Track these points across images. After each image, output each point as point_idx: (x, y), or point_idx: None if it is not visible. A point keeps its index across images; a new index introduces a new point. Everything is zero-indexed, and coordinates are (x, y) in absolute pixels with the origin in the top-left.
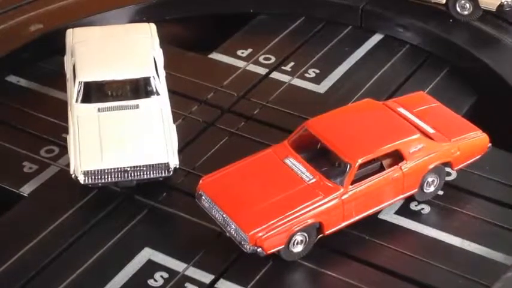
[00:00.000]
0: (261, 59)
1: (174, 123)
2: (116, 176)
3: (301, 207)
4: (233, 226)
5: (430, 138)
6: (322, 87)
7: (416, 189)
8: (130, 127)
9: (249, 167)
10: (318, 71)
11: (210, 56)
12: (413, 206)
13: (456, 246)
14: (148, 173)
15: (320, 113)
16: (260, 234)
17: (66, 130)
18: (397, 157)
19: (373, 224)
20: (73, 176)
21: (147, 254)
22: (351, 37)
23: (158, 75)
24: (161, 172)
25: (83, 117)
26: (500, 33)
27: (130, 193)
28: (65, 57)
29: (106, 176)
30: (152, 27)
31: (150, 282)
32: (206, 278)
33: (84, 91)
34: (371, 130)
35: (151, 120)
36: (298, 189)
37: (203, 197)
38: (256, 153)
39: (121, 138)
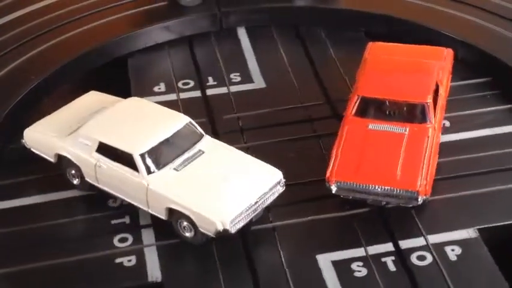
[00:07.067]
0: (180, 85)
1: None
2: (249, 214)
3: (424, 152)
4: (395, 193)
5: None
6: (259, 83)
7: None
8: (223, 169)
9: (348, 145)
10: (238, 74)
11: None
12: None
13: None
14: (274, 194)
15: (284, 100)
16: (423, 184)
17: (114, 217)
18: None
19: None
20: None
21: (324, 258)
22: (223, 41)
23: None
24: (278, 189)
25: (172, 180)
26: None
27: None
28: (65, 149)
29: (244, 217)
30: (97, 93)
31: (356, 274)
32: (388, 247)
33: (144, 161)
34: (408, 74)
35: (224, 156)
36: (406, 141)
37: (345, 187)
38: (339, 136)
39: (229, 180)
